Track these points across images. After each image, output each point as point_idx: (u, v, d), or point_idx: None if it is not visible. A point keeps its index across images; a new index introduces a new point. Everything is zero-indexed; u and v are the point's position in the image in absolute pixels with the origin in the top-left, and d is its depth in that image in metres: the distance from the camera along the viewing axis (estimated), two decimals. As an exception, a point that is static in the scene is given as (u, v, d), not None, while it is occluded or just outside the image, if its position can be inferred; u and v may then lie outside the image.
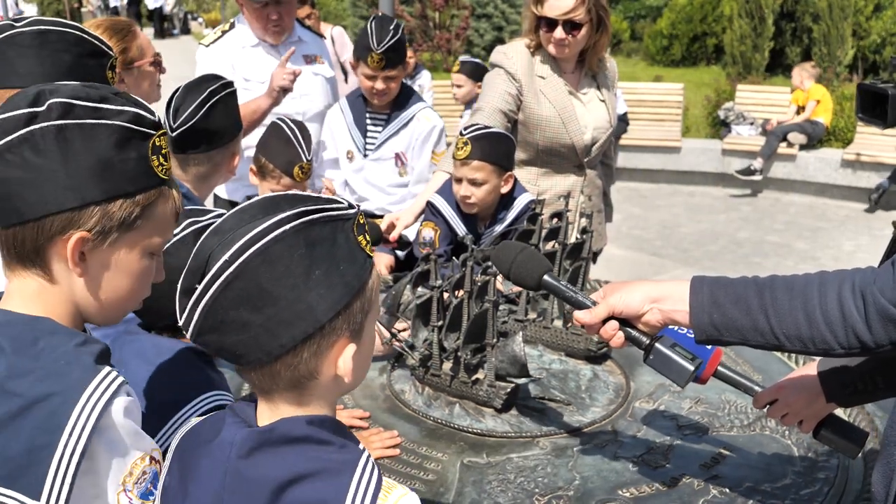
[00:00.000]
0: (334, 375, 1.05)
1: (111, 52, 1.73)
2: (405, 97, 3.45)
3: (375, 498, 1.01)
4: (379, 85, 3.25)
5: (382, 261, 3.11)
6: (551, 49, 2.99)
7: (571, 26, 2.91)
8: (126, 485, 1.09)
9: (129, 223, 1.14)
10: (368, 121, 3.41)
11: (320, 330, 1.01)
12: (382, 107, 3.39)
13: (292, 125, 2.73)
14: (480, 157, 2.64)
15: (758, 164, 8.36)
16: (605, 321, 1.47)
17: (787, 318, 1.30)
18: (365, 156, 3.41)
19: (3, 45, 1.62)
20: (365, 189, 3.45)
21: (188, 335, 1.02)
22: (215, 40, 3.51)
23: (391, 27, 3.20)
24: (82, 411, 1.05)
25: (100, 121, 1.09)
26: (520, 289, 2.34)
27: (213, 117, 2.10)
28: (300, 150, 2.66)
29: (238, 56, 3.45)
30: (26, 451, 1.05)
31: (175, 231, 1.57)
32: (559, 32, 2.91)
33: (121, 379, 1.10)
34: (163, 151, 1.17)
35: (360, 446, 1.08)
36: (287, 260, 0.98)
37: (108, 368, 1.10)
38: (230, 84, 2.18)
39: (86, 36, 1.67)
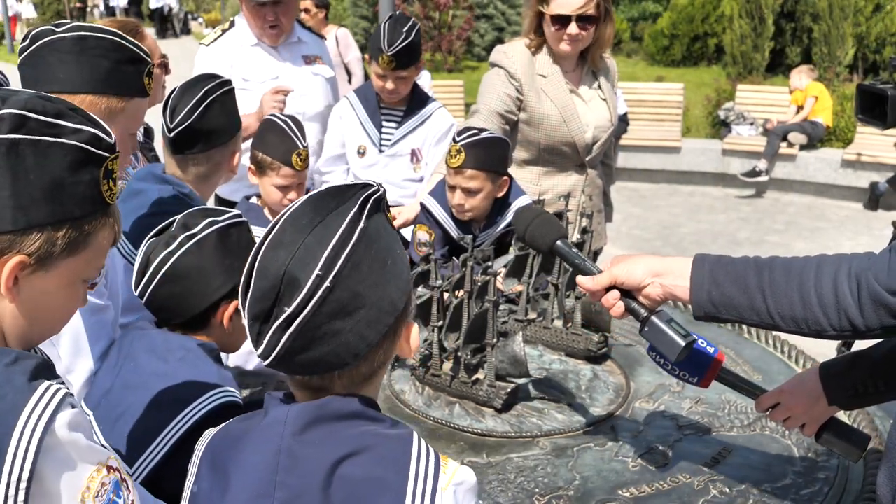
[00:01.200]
0: (387, 361, 1.07)
1: (148, 59, 1.74)
2: (421, 95, 3.46)
3: (437, 469, 1.01)
4: (389, 85, 3.25)
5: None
6: (563, 46, 2.97)
7: (585, 21, 2.91)
8: (86, 500, 1.02)
9: (72, 250, 1.07)
10: (383, 116, 3.40)
11: (397, 319, 1.02)
12: (397, 103, 3.39)
13: (284, 118, 2.74)
14: (474, 166, 2.59)
15: (762, 164, 8.36)
16: (608, 290, 1.49)
17: (783, 298, 1.32)
18: (380, 151, 3.40)
19: (44, 49, 1.63)
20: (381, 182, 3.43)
21: (268, 361, 0.98)
22: (215, 39, 3.51)
23: (405, 29, 3.16)
24: (22, 435, 0.96)
25: (56, 139, 1.03)
26: (520, 289, 2.34)
27: (209, 116, 2.10)
28: (296, 138, 2.67)
29: (238, 55, 3.44)
30: None
31: (193, 230, 1.57)
32: (573, 28, 2.91)
33: (62, 391, 1.01)
34: (113, 176, 1.11)
35: (408, 425, 1.09)
36: (368, 259, 0.98)
37: (45, 384, 1.01)
38: (227, 83, 2.18)
39: (124, 42, 1.68)
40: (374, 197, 1.01)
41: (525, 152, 3.14)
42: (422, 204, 2.84)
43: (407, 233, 3.03)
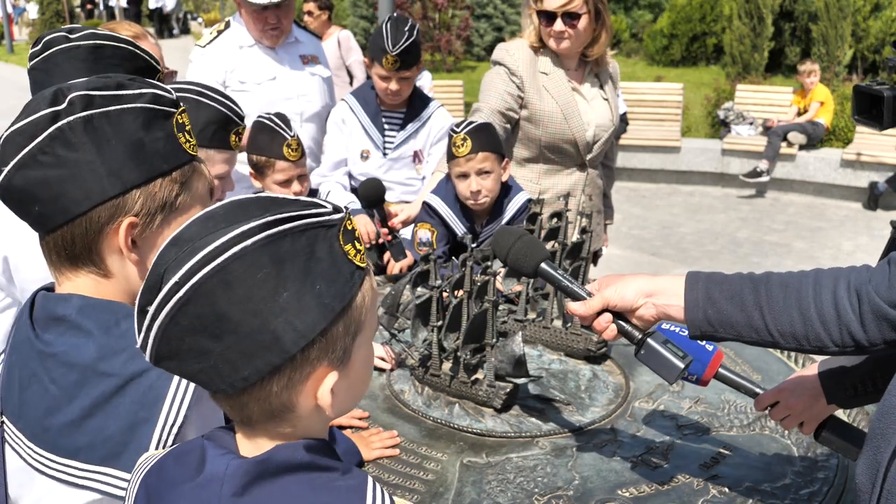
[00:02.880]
0: (315, 406, 0.90)
1: (159, 67, 1.76)
2: (421, 97, 3.45)
3: None
4: (393, 86, 3.23)
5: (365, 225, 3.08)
6: (552, 43, 3.00)
7: (570, 17, 2.92)
8: None
9: (171, 201, 1.15)
10: (384, 119, 3.39)
11: (290, 361, 0.86)
12: (398, 105, 3.38)
13: (269, 116, 2.73)
14: (483, 148, 2.66)
15: (763, 165, 8.37)
16: (599, 313, 1.47)
17: (782, 315, 1.30)
18: (384, 154, 3.39)
19: (58, 56, 1.65)
20: (385, 185, 3.42)
21: (147, 358, 0.89)
22: (211, 41, 3.48)
23: (406, 28, 3.17)
24: (180, 383, 1.07)
25: (123, 105, 1.10)
26: (519, 289, 2.34)
27: None
28: (282, 131, 2.66)
29: (234, 57, 3.43)
30: (127, 427, 1.06)
31: None
32: (559, 25, 2.93)
33: None
34: (186, 128, 1.18)
35: (360, 470, 0.97)
36: (249, 281, 0.82)
37: None
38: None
39: (138, 51, 1.70)
40: (311, 218, 0.86)
41: (526, 150, 3.15)
42: (425, 202, 2.84)
43: (407, 232, 3.04)
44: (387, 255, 3.01)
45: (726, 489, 1.63)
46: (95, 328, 1.10)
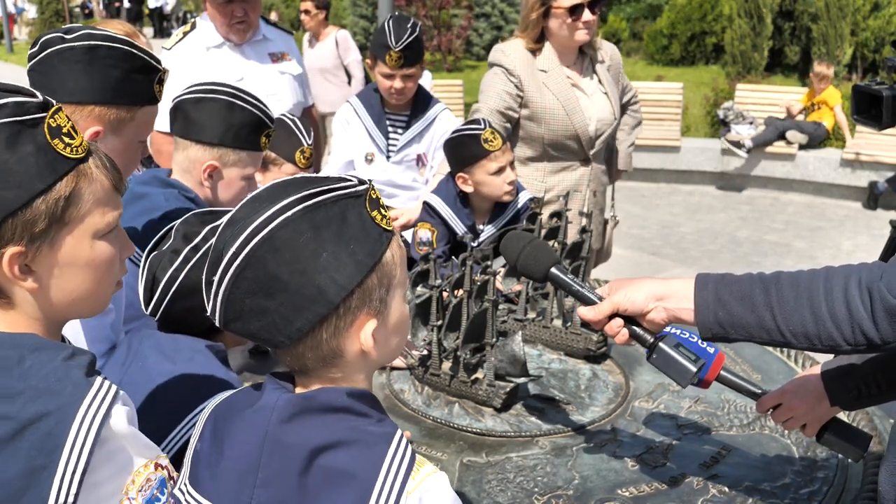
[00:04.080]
0: (360, 351, 1.06)
1: (160, 67, 1.73)
2: (425, 98, 3.41)
3: (409, 472, 1.03)
4: (397, 84, 3.20)
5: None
6: (581, 35, 3.00)
7: (593, 5, 2.96)
8: (129, 492, 1.06)
9: (58, 218, 1.05)
10: (388, 123, 3.36)
11: (335, 311, 1.01)
12: (401, 107, 3.35)
13: (292, 117, 2.73)
14: (506, 140, 2.71)
15: (748, 143, 8.41)
16: (610, 318, 1.47)
17: (793, 315, 1.29)
18: (388, 158, 3.37)
19: (53, 58, 1.62)
20: (389, 189, 3.40)
21: (217, 323, 1.04)
22: (176, 42, 3.40)
23: (408, 25, 3.16)
24: (80, 427, 1.01)
25: None
26: (519, 288, 2.34)
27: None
28: (301, 137, 2.66)
29: (200, 58, 3.34)
30: (25, 473, 1.00)
31: (196, 241, 1.54)
32: (587, 15, 2.96)
33: (114, 388, 1.06)
34: (64, 129, 1.06)
35: (395, 423, 1.09)
36: (293, 245, 0.98)
37: (100, 379, 1.06)
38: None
39: (135, 51, 1.67)
40: (340, 191, 1.02)
41: (529, 149, 3.15)
42: (425, 202, 2.83)
43: (407, 234, 3.03)
44: None
45: (726, 489, 1.63)
46: None
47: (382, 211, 1.06)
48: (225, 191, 2.10)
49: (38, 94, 1.06)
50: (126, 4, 25.88)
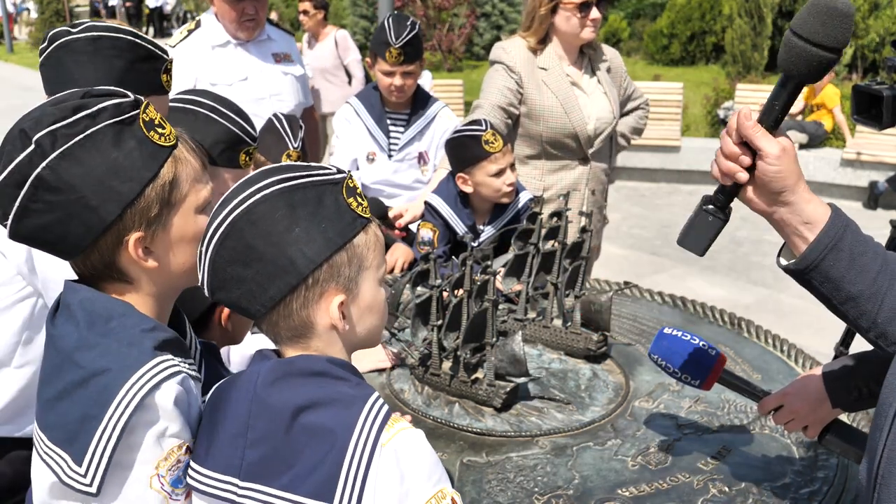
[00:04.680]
0: (330, 325, 1.14)
1: (165, 56, 1.74)
2: (424, 97, 3.42)
3: (382, 427, 1.09)
4: (397, 81, 3.21)
5: (405, 253, 3.09)
6: (588, 33, 3.03)
7: (602, 2, 3.00)
8: (160, 469, 1.13)
9: (166, 200, 1.18)
10: (389, 121, 3.37)
11: (304, 281, 1.10)
12: (401, 106, 3.35)
13: (282, 119, 2.73)
14: (507, 142, 2.72)
15: None
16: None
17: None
18: (390, 156, 3.37)
19: (60, 51, 1.65)
20: (391, 188, 3.41)
21: (207, 293, 1.14)
22: (181, 40, 3.42)
23: (408, 23, 3.20)
24: (130, 389, 1.10)
25: (87, 132, 1.11)
26: (519, 288, 2.34)
27: None
28: (288, 139, 2.66)
29: (204, 56, 3.36)
30: (80, 418, 1.10)
31: None
32: (595, 13, 3.00)
33: (176, 368, 1.15)
34: (156, 121, 1.18)
35: (373, 388, 1.15)
36: (268, 219, 1.08)
37: (165, 356, 1.14)
38: None
39: (138, 41, 1.69)
40: (319, 177, 1.12)
41: (528, 148, 3.15)
42: (427, 202, 2.84)
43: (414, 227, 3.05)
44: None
45: (726, 488, 1.63)
46: (83, 320, 1.15)
47: (359, 199, 1.15)
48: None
49: (129, 93, 1.17)
50: (121, 2, 25.87)
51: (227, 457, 1.12)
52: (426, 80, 7.00)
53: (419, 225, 2.86)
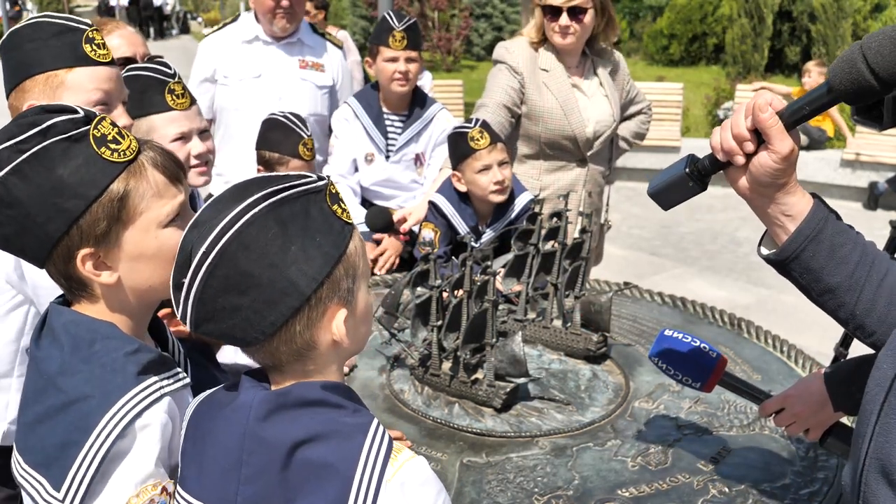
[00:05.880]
0: (332, 342, 1.08)
1: (83, 28, 1.73)
2: (422, 98, 3.44)
3: (386, 460, 1.04)
4: (402, 67, 3.21)
5: (394, 246, 3.10)
6: (556, 39, 3.01)
7: (576, 12, 2.94)
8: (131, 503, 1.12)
9: (115, 217, 1.15)
10: (387, 122, 3.37)
11: (307, 302, 1.03)
12: (399, 107, 3.36)
13: (284, 113, 2.73)
14: (497, 140, 2.72)
15: None
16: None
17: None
18: (387, 157, 3.38)
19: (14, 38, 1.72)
20: (389, 190, 3.43)
21: (188, 327, 1.05)
22: (214, 31, 3.53)
23: (405, 14, 3.30)
24: (112, 418, 1.09)
25: (34, 149, 1.10)
26: (519, 288, 2.34)
27: None
28: (299, 129, 2.66)
29: (228, 50, 3.43)
30: (60, 444, 1.09)
31: None
32: (564, 19, 2.96)
33: (159, 394, 1.14)
34: (109, 137, 1.15)
35: (371, 412, 1.11)
36: (262, 241, 1.00)
37: (149, 381, 1.14)
38: None
39: (46, 19, 1.72)
40: (301, 187, 1.04)
41: (526, 147, 3.16)
42: (431, 202, 2.84)
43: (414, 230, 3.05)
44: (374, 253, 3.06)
45: (726, 489, 1.63)
46: (67, 343, 1.14)
47: (342, 205, 1.09)
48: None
49: (79, 109, 1.16)
50: (124, 3, 25.90)
51: (219, 490, 1.07)
52: (427, 80, 6.98)
53: (421, 225, 2.87)
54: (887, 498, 1.04)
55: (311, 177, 1.07)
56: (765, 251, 1.28)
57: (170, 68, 2.11)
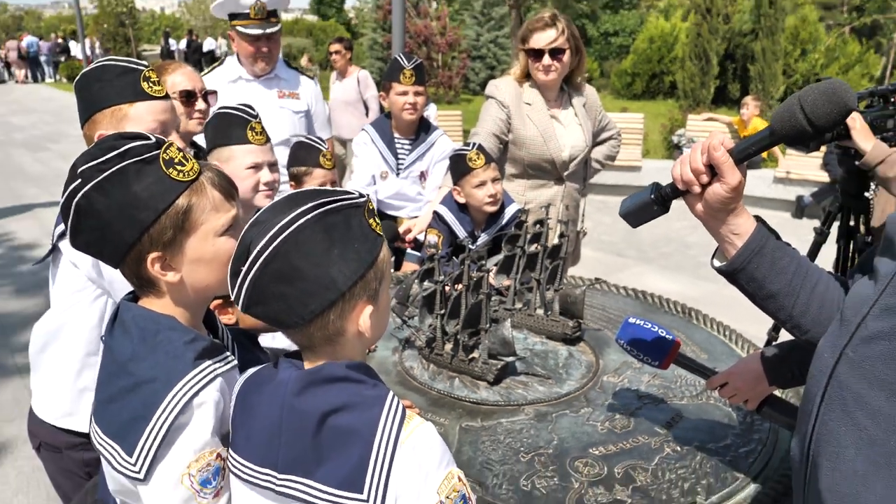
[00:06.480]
0: (357, 332, 1.08)
1: (140, 68, 1.74)
2: (427, 126, 3.45)
3: (401, 426, 1.05)
4: (411, 99, 3.24)
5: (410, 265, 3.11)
6: (540, 76, 3.01)
7: (556, 53, 2.95)
8: (190, 469, 1.11)
9: (180, 226, 1.15)
10: (397, 145, 3.39)
11: (342, 297, 1.04)
12: (408, 132, 3.37)
13: (305, 135, 2.75)
14: (490, 160, 2.74)
15: None
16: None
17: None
18: (397, 174, 3.39)
19: (80, 82, 1.73)
20: (399, 202, 3.44)
21: (239, 307, 1.06)
22: (206, 73, 3.47)
23: (414, 56, 3.32)
24: (174, 397, 1.10)
25: (113, 169, 1.11)
26: (508, 283, 2.34)
27: None
28: (317, 143, 2.67)
29: (219, 90, 3.31)
30: (131, 418, 1.10)
31: None
32: (546, 59, 2.97)
33: (212, 376, 1.14)
34: (176, 160, 1.15)
35: (386, 386, 1.10)
36: (311, 242, 1.01)
37: (203, 364, 1.14)
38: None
39: (110, 62, 1.73)
40: (345, 202, 1.05)
41: (513, 168, 3.16)
42: (435, 212, 2.86)
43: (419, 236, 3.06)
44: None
45: (678, 448, 1.64)
46: (136, 335, 1.15)
47: (376, 220, 1.10)
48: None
49: (152, 136, 1.16)
50: (182, 48, 25.89)
51: (264, 452, 1.08)
52: (431, 110, 6.98)
53: (427, 231, 2.88)
54: (830, 468, 1.04)
55: (354, 194, 1.07)
56: (717, 263, 1.28)
57: (254, 111, 2.17)
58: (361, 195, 1.08)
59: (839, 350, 1.06)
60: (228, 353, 1.23)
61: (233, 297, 1.06)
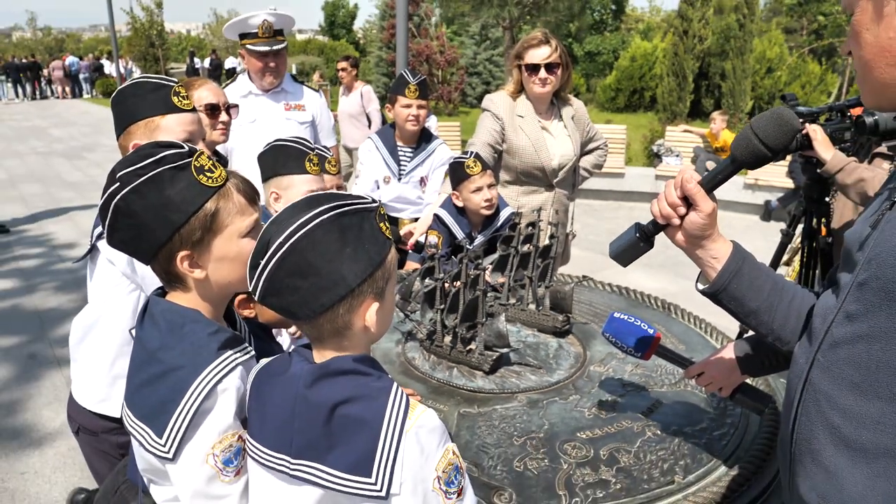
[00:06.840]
0: (363, 326, 1.07)
1: (170, 84, 1.73)
2: (427, 135, 3.44)
3: (406, 414, 1.04)
4: (414, 111, 3.22)
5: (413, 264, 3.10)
6: (536, 88, 3.00)
7: (551, 67, 2.94)
8: (214, 450, 1.11)
9: (208, 227, 1.15)
10: (400, 153, 3.38)
11: (351, 292, 1.03)
12: (410, 141, 3.35)
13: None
14: (486, 167, 2.73)
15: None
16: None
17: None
18: (399, 179, 3.38)
19: (117, 97, 1.73)
20: (401, 204, 3.43)
21: (256, 297, 1.05)
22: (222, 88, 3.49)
23: (417, 72, 3.31)
24: (200, 383, 1.10)
25: (149, 174, 1.11)
26: (503, 280, 2.33)
27: None
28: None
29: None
30: (160, 403, 1.10)
31: None
32: (542, 73, 2.96)
33: (234, 364, 1.14)
34: (206, 167, 1.15)
35: (391, 378, 1.09)
36: (325, 241, 1.00)
37: (226, 354, 1.14)
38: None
39: (144, 79, 1.73)
40: (359, 205, 1.04)
41: (506, 175, 3.15)
42: (435, 214, 2.84)
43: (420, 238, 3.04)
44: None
45: (658, 431, 1.62)
46: (164, 327, 1.15)
47: (386, 224, 1.08)
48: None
49: (184, 145, 1.16)
50: (207, 66, 25.85)
51: (278, 438, 1.07)
52: (432, 122, 6.96)
53: (428, 233, 2.86)
54: (812, 466, 1.04)
55: (367, 199, 1.06)
56: (700, 286, 1.28)
57: (310, 143, 2.26)
58: (374, 201, 1.08)
59: (811, 356, 1.05)
60: (247, 344, 1.22)
61: (250, 288, 1.05)
